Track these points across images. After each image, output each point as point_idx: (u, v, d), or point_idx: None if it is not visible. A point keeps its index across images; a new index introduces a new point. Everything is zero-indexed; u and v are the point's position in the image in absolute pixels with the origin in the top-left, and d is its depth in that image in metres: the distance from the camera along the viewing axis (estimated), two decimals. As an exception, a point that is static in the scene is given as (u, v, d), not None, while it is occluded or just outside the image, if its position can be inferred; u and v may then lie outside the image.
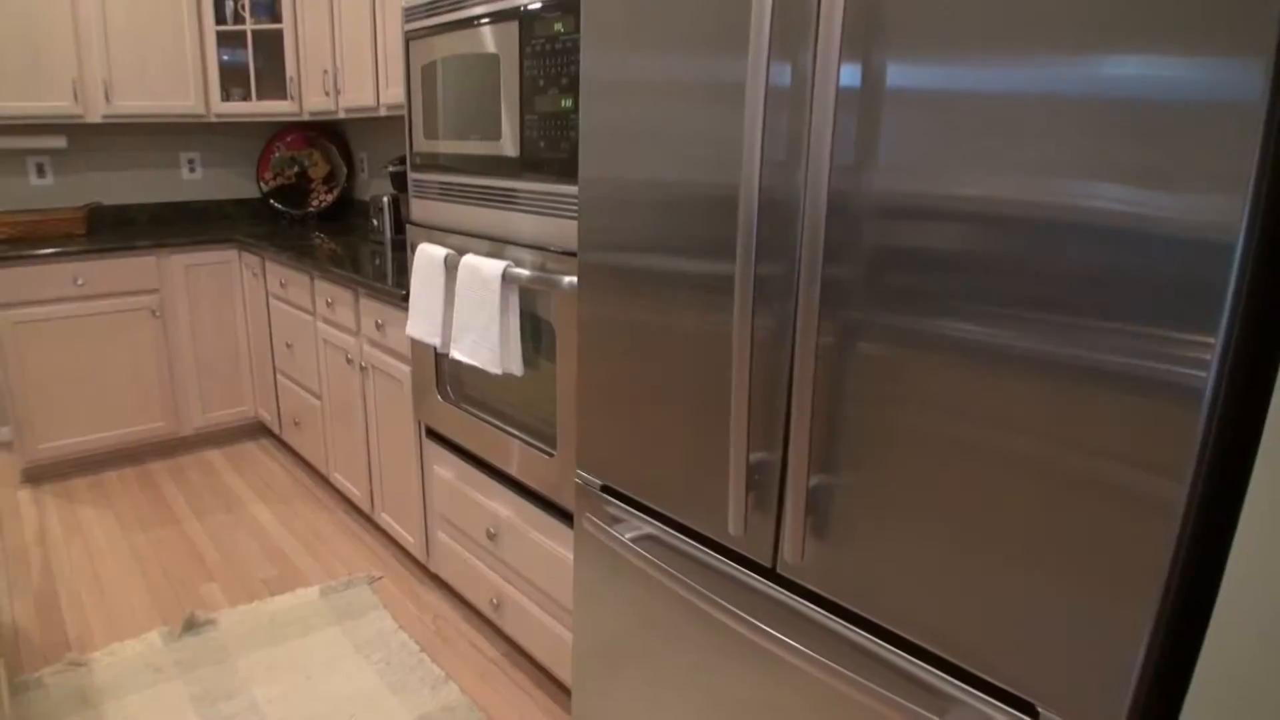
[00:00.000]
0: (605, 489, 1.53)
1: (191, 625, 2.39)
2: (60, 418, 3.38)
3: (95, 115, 3.49)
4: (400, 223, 3.25)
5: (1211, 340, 0.75)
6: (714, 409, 1.27)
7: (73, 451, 3.43)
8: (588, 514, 1.57)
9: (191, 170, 4.07)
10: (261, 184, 4.16)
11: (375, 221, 3.31)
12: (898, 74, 0.95)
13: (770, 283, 1.15)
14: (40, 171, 3.72)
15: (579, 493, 1.59)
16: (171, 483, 3.44)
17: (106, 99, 3.49)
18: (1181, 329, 0.76)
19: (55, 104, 3.40)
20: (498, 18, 1.75)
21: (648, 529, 1.45)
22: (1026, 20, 0.83)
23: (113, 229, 3.84)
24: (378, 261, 2.93)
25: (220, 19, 3.70)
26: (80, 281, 3.30)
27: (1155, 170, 0.76)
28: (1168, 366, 0.78)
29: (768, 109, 1.09)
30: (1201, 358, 0.76)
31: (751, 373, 1.17)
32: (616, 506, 1.51)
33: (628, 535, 1.48)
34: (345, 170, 4.15)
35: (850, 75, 0.99)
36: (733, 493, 1.22)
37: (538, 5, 1.63)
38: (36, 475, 3.47)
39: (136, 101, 3.57)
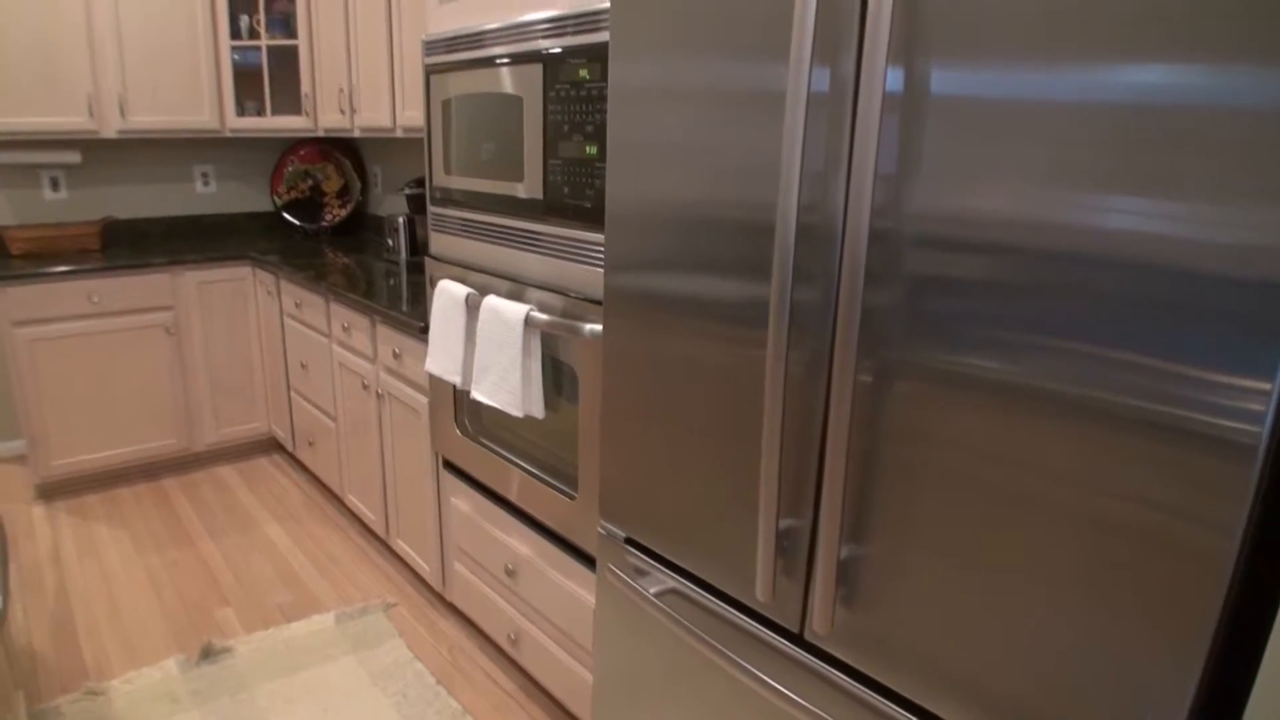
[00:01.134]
0: (629, 541, 1.52)
1: (208, 653, 2.39)
2: (74, 434, 3.38)
3: (110, 131, 3.49)
4: (415, 244, 3.25)
5: (1269, 386, 0.72)
6: (743, 463, 1.26)
7: (86, 468, 3.44)
8: (611, 565, 1.56)
9: (205, 184, 4.07)
10: (275, 198, 4.16)
11: (390, 241, 3.31)
12: (947, 80, 0.90)
13: (804, 311, 1.11)
14: (54, 185, 3.72)
15: (602, 543, 1.58)
16: (185, 499, 3.44)
17: (121, 114, 3.49)
18: (1240, 373, 0.74)
19: (70, 119, 3.40)
20: (520, 59, 1.74)
21: (672, 583, 1.44)
22: (1096, 20, 0.79)
23: (127, 243, 3.85)
24: (392, 282, 2.92)
25: (235, 34, 3.69)
26: (95, 299, 3.30)
27: (1228, 186, 0.72)
28: (1222, 420, 0.75)
29: (809, 117, 1.05)
30: (1254, 409, 0.73)
31: (784, 426, 1.15)
32: (640, 559, 1.50)
33: (652, 590, 1.47)
34: (359, 184, 4.14)
35: (895, 81, 0.95)
36: (761, 561, 1.21)
37: (561, 50, 1.62)
38: (50, 491, 3.48)
39: (151, 117, 3.57)
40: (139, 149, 3.89)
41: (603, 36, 1.53)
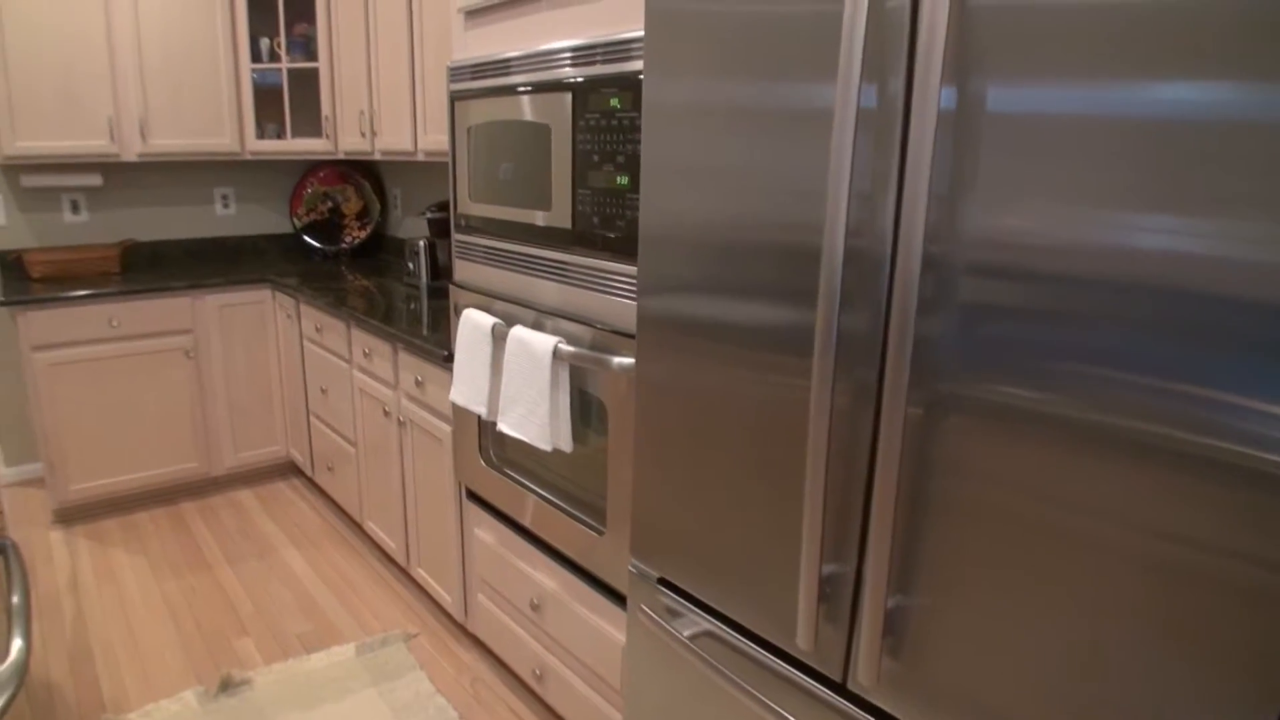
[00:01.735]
0: (662, 581, 1.48)
1: (227, 685, 2.36)
2: (93, 459, 3.37)
3: (131, 154, 3.49)
4: (436, 268, 3.23)
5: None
6: (783, 502, 1.22)
7: (105, 492, 3.42)
8: (642, 605, 1.52)
9: (225, 206, 4.07)
10: (295, 219, 4.15)
11: (411, 265, 3.29)
12: (1004, 98, 0.87)
13: (851, 339, 1.07)
14: (75, 208, 3.72)
15: (633, 582, 1.54)
16: (203, 524, 3.42)
17: (142, 137, 3.49)
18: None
19: (91, 142, 3.41)
20: (549, 87, 1.71)
21: (706, 626, 1.40)
22: (1164, 32, 0.75)
23: (147, 266, 3.85)
24: (413, 306, 2.90)
25: (256, 57, 3.70)
26: (115, 323, 3.29)
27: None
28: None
29: (857, 137, 1.01)
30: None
31: (829, 462, 1.11)
32: (673, 600, 1.46)
33: (685, 632, 1.43)
34: (378, 206, 4.13)
35: (947, 99, 0.91)
36: (803, 607, 1.17)
37: (591, 78, 1.59)
38: (68, 516, 3.46)
39: (172, 140, 3.57)
40: (159, 171, 3.89)
41: (635, 65, 1.50)
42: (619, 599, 1.78)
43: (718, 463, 1.31)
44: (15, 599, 1.30)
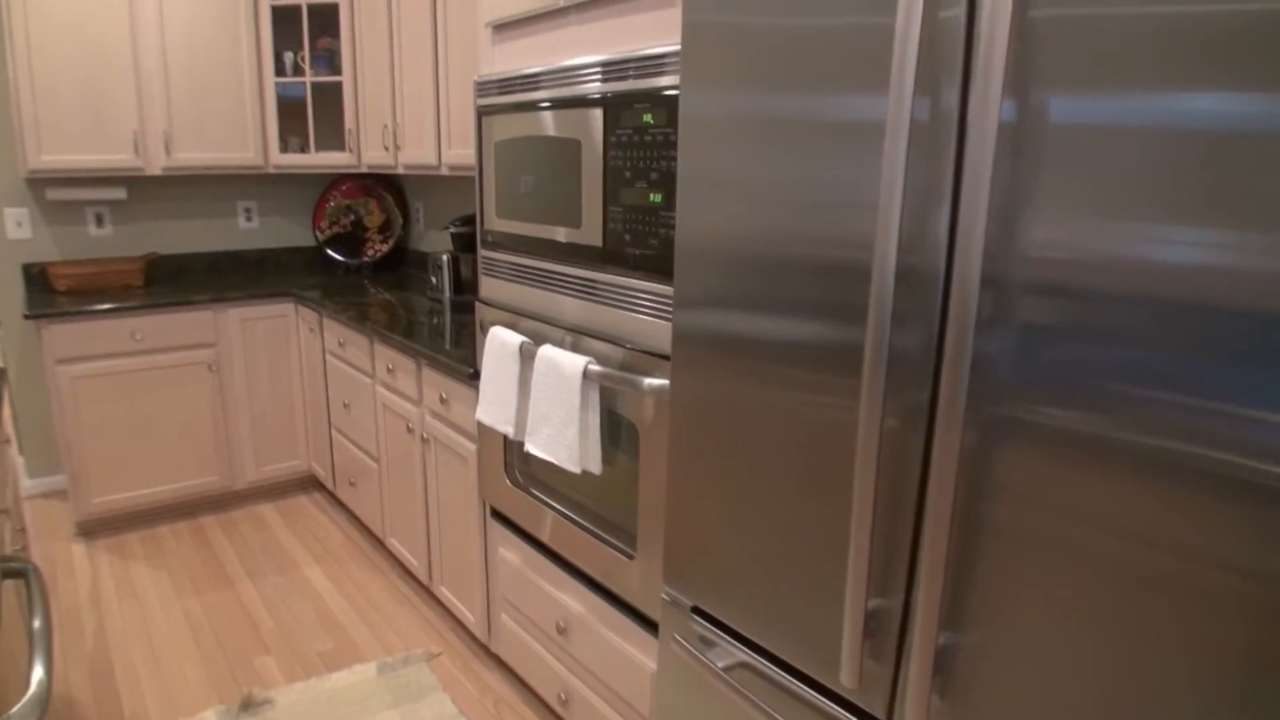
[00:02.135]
0: (696, 610, 1.44)
1: (248, 705, 2.33)
2: (115, 471, 3.36)
3: (155, 168, 3.50)
4: (460, 282, 3.21)
5: None
6: (826, 530, 1.18)
7: (127, 506, 3.42)
8: (675, 634, 1.48)
9: (248, 219, 4.07)
10: (317, 233, 4.15)
11: (434, 279, 3.27)
12: (1066, 110, 0.83)
13: (902, 359, 1.03)
14: (99, 221, 3.73)
15: (665, 609, 1.50)
16: (224, 538, 3.41)
17: (166, 151, 3.50)
18: None
19: (116, 156, 3.42)
20: (579, 103, 1.68)
21: (743, 657, 1.36)
22: (1238, 41, 0.72)
23: (170, 279, 3.85)
24: (436, 320, 2.88)
25: (280, 71, 3.70)
26: (138, 336, 3.29)
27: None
28: None
29: (910, 150, 0.97)
30: None
31: (877, 491, 1.07)
32: (707, 629, 1.41)
33: (720, 663, 1.39)
34: (400, 220, 4.13)
35: (1007, 111, 0.88)
36: (847, 642, 1.12)
37: (623, 94, 1.56)
38: (90, 528, 3.46)
39: (196, 153, 3.57)
40: (183, 185, 3.90)
41: (669, 80, 1.47)
42: (649, 624, 1.74)
43: (756, 487, 1.27)
44: (37, 623, 1.28)
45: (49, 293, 3.48)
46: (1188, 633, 0.80)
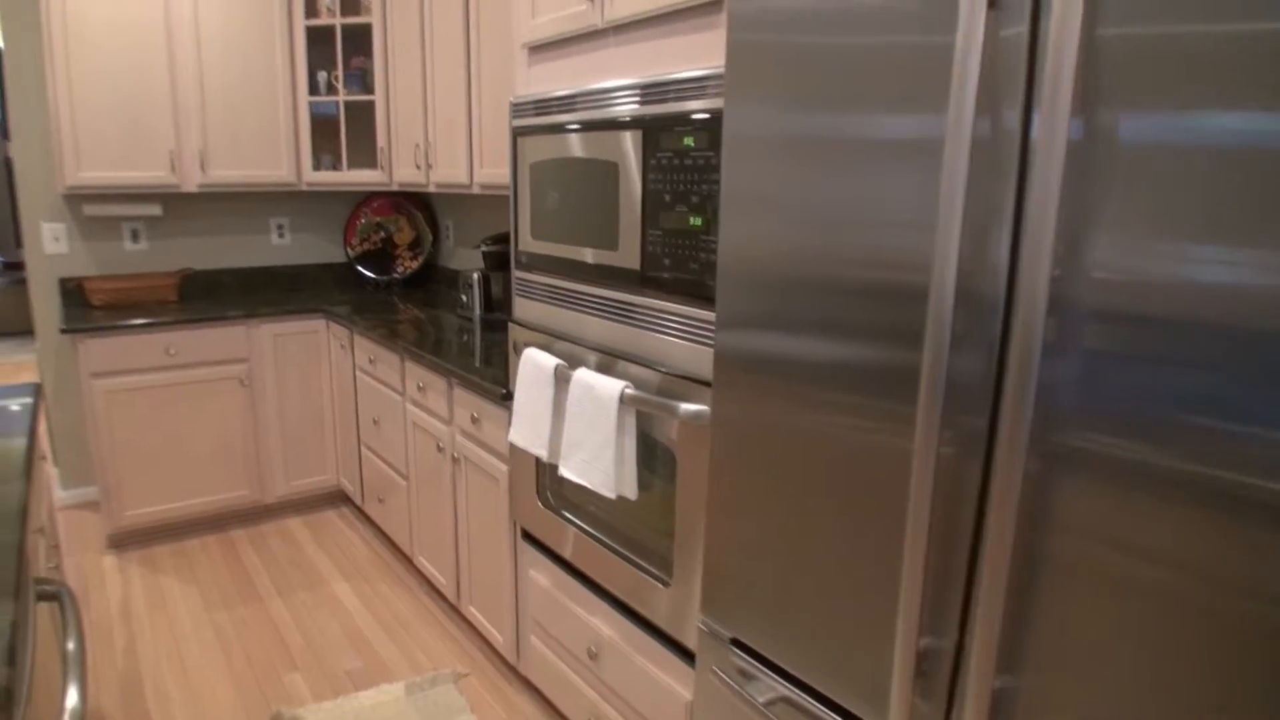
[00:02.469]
0: (735, 641, 1.41)
1: (277, 725, 2.33)
2: (147, 485, 3.39)
3: (191, 185, 3.54)
4: (490, 301, 3.21)
5: None
6: (876, 561, 1.15)
7: (158, 519, 3.44)
8: (713, 666, 1.45)
9: (281, 235, 4.10)
10: (348, 249, 4.18)
11: (464, 297, 3.27)
12: (1137, 129, 0.80)
13: (959, 384, 1.00)
14: (135, 237, 3.78)
15: (703, 640, 1.48)
16: (253, 553, 3.42)
17: (202, 168, 3.54)
18: None
19: (153, 174, 3.46)
20: (617, 125, 1.68)
21: (784, 692, 1.33)
22: None
23: (204, 294, 3.89)
24: (465, 338, 2.88)
25: (314, 90, 3.73)
26: (172, 351, 3.32)
27: None
28: None
29: (970, 170, 0.95)
30: None
31: (931, 523, 1.04)
32: (747, 662, 1.39)
33: (760, 698, 1.36)
34: (430, 237, 4.14)
35: (1075, 130, 0.85)
36: (896, 682, 1.10)
37: (662, 116, 1.55)
38: (121, 541, 3.48)
39: (230, 171, 3.61)
40: (217, 201, 3.94)
41: (711, 103, 1.45)
42: (684, 653, 1.71)
43: (801, 516, 1.25)
44: (70, 646, 1.28)
45: (85, 307, 3.52)
46: (1271, 681, 0.77)
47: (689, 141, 1.50)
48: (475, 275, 3.20)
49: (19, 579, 1.12)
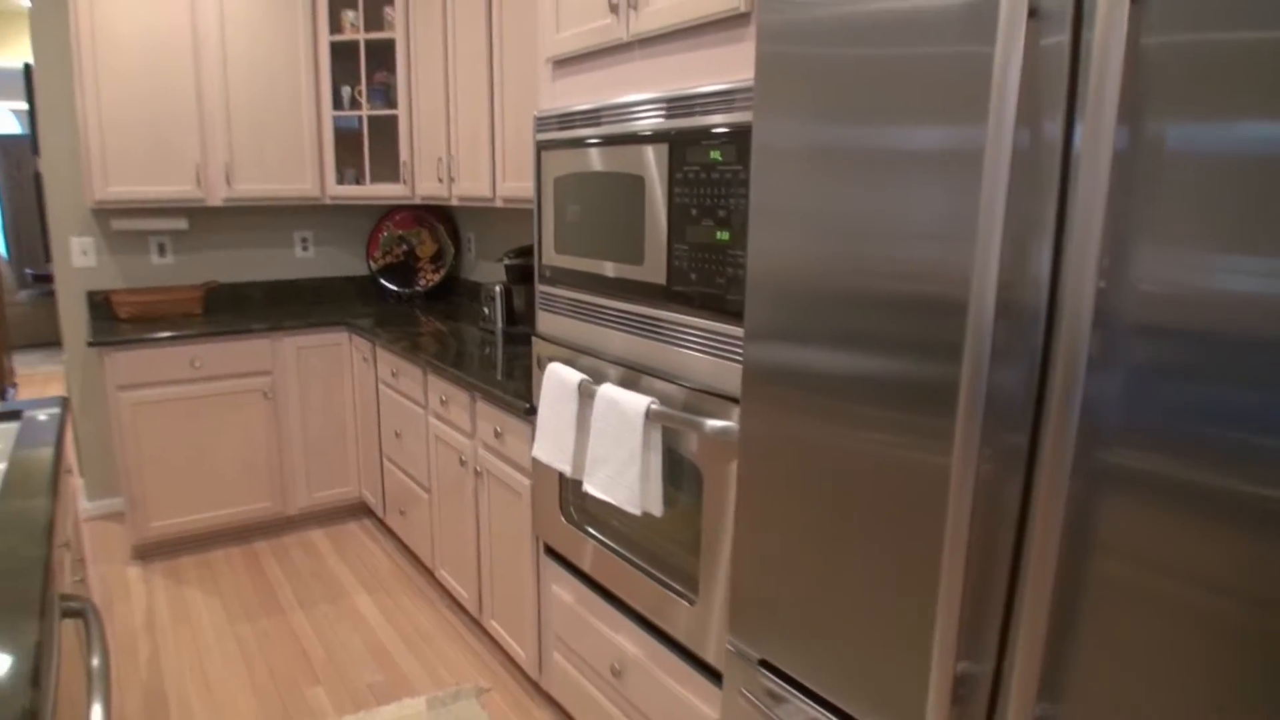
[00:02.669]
0: (764, 663, 1.39)
1: (299, 739, 2.32)
2: (172, 496, 3.40)
3: (216, 199, 3.56)
4: (513, 314, 3.20)
5: None
6: (910, 581, 1.12)
7: (182, 530, 3.45)
8: (742, 687, 1.43)
9: (304, 249, 4.12)
10: (371, 262, 4.19)
11: (486, 310, 3.27)
12: (1184, 139, 0.78)
13: (997, 402, 0.98)
14: (161, 251, 3.81)
15: (730, 661, 1.45)
16: (276, 565, 3.42)
17: (227, 182, 3.56)
18: None
19: (179, 188, 3.49)
20: (643, 139, 1.67)
21: (814, 714, 1.30)
22: None
23: (228, 307, 3.91)
24: (488, 350, 2.87)
25: (337, 105, 3.76)
26: (197, 363, 3.34)
27: None
28: None
29: (1011, 182, 0.93)
30: None
31: (970, 544, 1.02)
32: (776, 684, 1.36)
33: None
34: (452, 250, 4.15)
35: (1121, 140, 0.83)
36: (932, 710, 1.07)
37: (689, 130, 1.54)
38: (146, 552, 3.50)
39: (255, 185, 3.63)
40: (242, 215, 3.97)
41: (739, 116, 1.44)
42: (710, 672, 1.69)
43: (832, 535, 1.22)
44: (95, 662, 1.27)
45: (112, 320, 3.55)
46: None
47: (716, 155, 1.49)
48: (497, 288, 3.20)
49: (44, 597, 1.12)
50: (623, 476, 1.70)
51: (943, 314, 1.04)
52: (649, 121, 1.65)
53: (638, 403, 1.65)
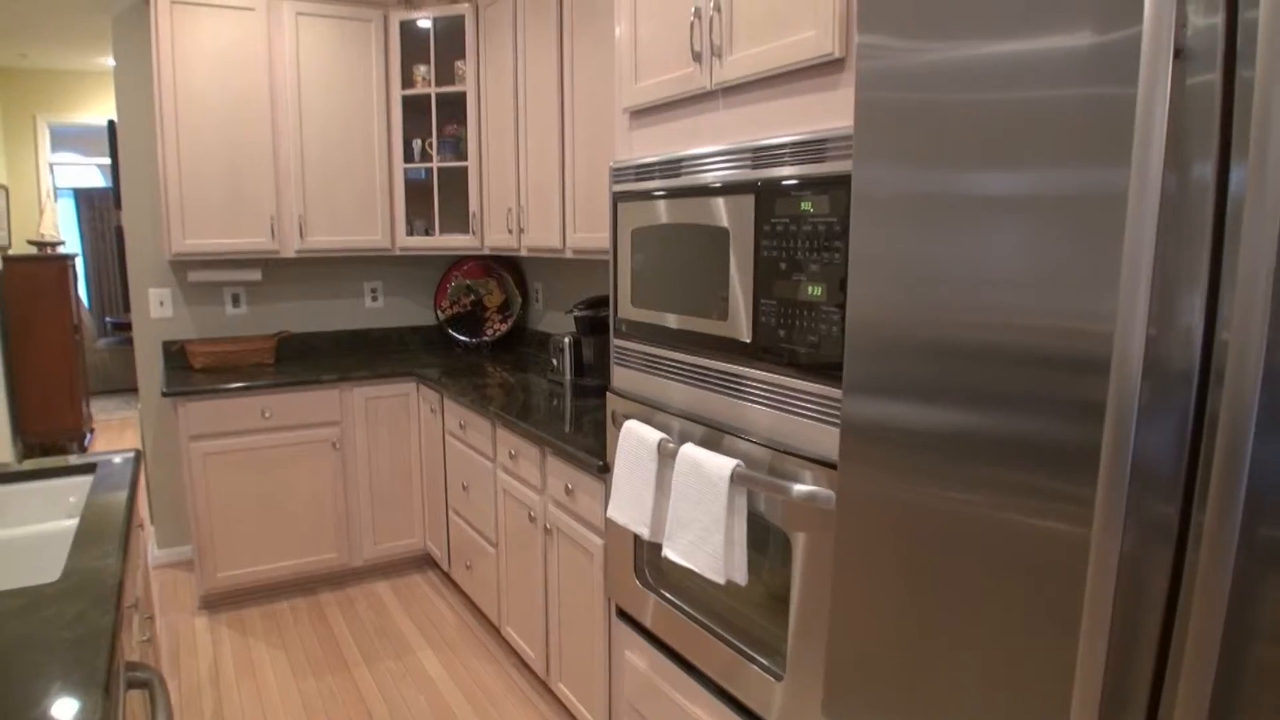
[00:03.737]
0: (864, 752, 1.28)
1: (363, 806, 2.24)
2: (240, 547, 3.40)
3: (289, 250, 3.61)
4: (581, 365, 3.16)
5: None
6: (1039, 668, 1.01)
7: (250, 581, 3.45)
8: (840, 777, 1.32)
9: (374, 299, 4.16)
10: (439, 312, 4.21)
11: (555, 361, 3.23)
12: None
13: (1142, 469, 0.88)
14: (235, 302, 3.87)
15: (827, 747, 1.34)
16: (341, 618, 3.38)
17: (300, 235, 3.61)
18: None
19: (254, 240, 3.55)
20: (727, 190, 1.61)
21: (922, 812, 1.19)
22: None
23: (299, 357, 3.95)
24: (555, 402, 2.82)
25: (408, 157, 3.80)
26: (267, 414, 3.35)
27: None
28: None
29: (1159, 229, 0.85)
30: None
31: (1113, 625, 0.91)
32: (879, 776, 1.25)
33: (896, 817, 1.22)
34: (520, 300, 4.15)
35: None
36: (1068, 818, 0.95)
37: (777, 180, 1.48)
38: (214, 602, 3.49)
39: (327, 237, 3.68)
40: (314, 266, 4.02)
41: (832, 167, 1.38)
42: (798, 754, 1.58)
43: (946, 612, 1.12)
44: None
45: (186, 370, 3.60)
46: None
47: (807, 206, 1.42)
48: (566, 339, 3.16)
49: (110, 669, 1.07)
50: (705, 543, 1.61)
51: (1076, 370, 0.94)
52: (733, 172, 1.60)
53: (723, 465, 1.57)
